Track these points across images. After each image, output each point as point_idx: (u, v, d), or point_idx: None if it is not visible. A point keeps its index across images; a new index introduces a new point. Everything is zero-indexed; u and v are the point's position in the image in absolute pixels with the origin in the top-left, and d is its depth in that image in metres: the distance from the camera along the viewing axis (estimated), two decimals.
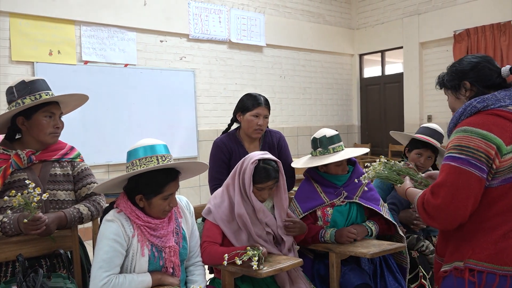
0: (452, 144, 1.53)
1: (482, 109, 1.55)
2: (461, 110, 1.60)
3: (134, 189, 1.86)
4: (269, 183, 2.17)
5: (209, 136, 6.12)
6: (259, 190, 2.18)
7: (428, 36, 7.02)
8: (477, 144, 1.47)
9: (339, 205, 2.43)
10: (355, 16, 8.21)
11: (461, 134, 1.52)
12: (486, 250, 1.50)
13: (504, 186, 1.50)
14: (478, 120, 1.52)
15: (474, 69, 1.65)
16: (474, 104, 1.56)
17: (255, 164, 2.15)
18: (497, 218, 1.51)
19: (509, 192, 1.50)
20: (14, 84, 2.01)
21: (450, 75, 1.72)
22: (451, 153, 1.51)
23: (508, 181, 1.50)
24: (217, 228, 2.17)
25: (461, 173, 1.46)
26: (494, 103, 1.54)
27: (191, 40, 6.10)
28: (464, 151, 1.48)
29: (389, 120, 7.78)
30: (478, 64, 1.65)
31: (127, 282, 1.77)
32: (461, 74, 1.67)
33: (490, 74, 1.63)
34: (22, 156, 1.99)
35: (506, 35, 6.11)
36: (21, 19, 4.78)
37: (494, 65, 1.66)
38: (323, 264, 2.44)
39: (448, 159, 1.51)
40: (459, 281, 1.54)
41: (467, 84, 1.65)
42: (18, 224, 1.87)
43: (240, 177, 2.18)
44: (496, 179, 1.50)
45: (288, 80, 7.28)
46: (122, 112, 5.47)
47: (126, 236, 1.82)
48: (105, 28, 5.34)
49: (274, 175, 2.17)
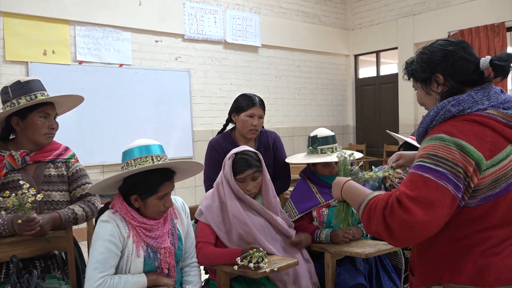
0: (426, 152, 1.28)
1: (458, 113, 1.33)
2: (432, 113, 1.37)
3: (129, 189, 1.85)
4: (249, 172, 2.19)
5: (204, 136, 6.12)
6: (242, 182, 2.20)
7: (423, 36, 7.05)
8: (455, 157, 1.24)
9: (334, 206, 2.43)
10: (350, 17, 8.23)
11: (437, 143, 1.28)
12: (465, 271, 1.30)
13: (484, 206, 1.29)
14: (454, 128, 1.29)
15: (448, 60, 1.40)
16: (448, 108, 1.33)
17: (232, 158, 2.20)
18: (477, 236, 1.31)
19: (490, 212, 1.30)
20: (9, 84, 2.00)
21: (420, 64, 1.46)
22: (426, 163, 1.26)
23: (487, 199, 1.29)
24: (210, 228, 2.18)
25: (438, 189, 1.22)
26: (470, 106, 1.32)
27: (186, 40, 6.09)
28: (441, 163, 1.24)
29: (384, 121, 7.81)
30: (453, 53, 1.39)
31: (122, 283, 1.77)
32: (433, 65, 1.42)
33: (467, 68, 1.39)
34: (16, 157, 1.98)
35: (500, 36, 6.15)
36: (15, 18, 4.75)
37: (472, 54, 1.41)
38: (318, 264, 2.44)
39: (421, 169, 1.26)
40: None
41: (440, 77, 1.41)
42: (12, 225, 1.86)
43: (224, 174, 2.22)
44: (474, 198, 1.29)
45: (283, 80, 7.29)
46: (117, 112, 5.45)
47: (121, 236, 1.81)
48: (99, 28, 5.32)
49: (253, 164, 2.20)
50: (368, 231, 1.33)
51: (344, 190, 1.50)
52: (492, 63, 1.38)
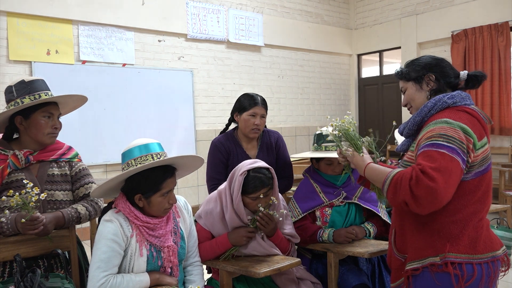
0: (436, 133, 1.53)
1: (452, 104, 1.62)
2: (430, 104, 1.65)
3: (133, 189, 1.86)
4: (263, 191, 2.12)
5: (207, 136, 6.12)
6: (254, 200, 2.13)
7: (426, 36, 7.04)
8: (460, 136, 1.51)
9: (338, 206, 2.43)
10: (353, 16, 8.21)
11: (444, 125, 1.54)
12: (461, 241, 1.57)
13: (475, 180, 1.57)
14: (454, 115, 1.57)
15: (439, 65, 1.72)
16: (445, 100, 1.62)
17: (244, 175, 2.11)
18: (467, 209, 1.57)
19: (479, 185, 1.58)
20: (14, 84, 2.01)
21: (415, 66, 1.75)
22: (438, 141, 1.51)
23: (478, 174, 1.58)
24: (207, 233, 2.19)
25: (452, 161, 1.47)
26: (460, 100, 1.62)
27: (189, 40, 6.10)
28: (451, 141, 1.50)
29: (387, 120, 7.79)
30: (442, 61, 1.74)
31: (125, 282, 1.77)
32: (428, 66, 1.73)
33: (452, 74, 1.72)
34: (20, 156, 1.98)
35: (504, 36, 6.13)
36: (19, 18, 4.77)
37: (453, 68, 1.76)
38: (321, 264, 2.44)
39: (435, 146, 1.51)
40: (440, 276, 1.56)
41: (432, 77, 1.71)
42: (15, 224, 1.87)
43: (231, 188, 2.15)
44: (469, 173, 1.56)
45: (286, 80, 7.28)
46: (120, 112, 5.46)
47: (125, 236, 1.82)
48: (103, 28, 5.33)
49: (267, 182, 2.12)
50: (394, 203, 1.56)
51: (366, 173, 1.74)
52: (469, 76, 1.73)
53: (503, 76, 6.18)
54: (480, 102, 6.39)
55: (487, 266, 1.57)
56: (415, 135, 1.74)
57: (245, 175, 2.10)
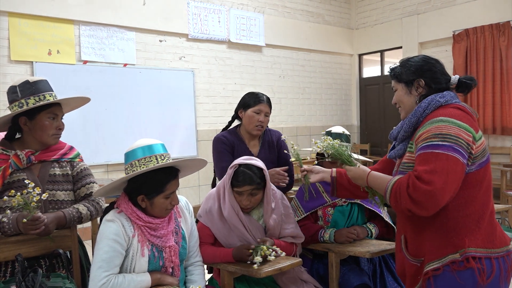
0: (431, 133, 1.55)
1: (444, 103, 1.65)
2: (424, 105, 1.66)
3: (136, 190, 1.86)
4: (246, 188, 2.10)
5: (208, 136, 6.12)
6: (239, 195, 2.13)
7: (427, 36, 7.03)
8: (456, 132, 1.53)
9: (340, 205, 2.43)
10: (355, 16, 8.21)
11: (439, 124, 1.56)
12: (478, 235, 1.57)
13: (480, 171, 1.59)
14: (448, 112, 1.59)
15: (430, 70, 1.72)
16: (437, 99, 1.65)
17: (235, 168, 2.13)
18: (477, 201, 1.58)
19: (484, 175, 1.61)
20: (18, 84, 2.00)
21: (407, 69, 1.76)
22: (433, 142, 1.53)
23: (482, 165, 1.60)
24: (209, 230, 2.19)
25: (448, 159, 1.49)
26: (451, 99, 1.66)
27: (190, 40, 6.10)
28: (446, 139, 1.51)
29: (388, 120, 7.79)
30: (434, 65, 1.74)
31: (126, 282, 1.77)
32: (420, 71, 1.73)
33: (442, 80, 1.73)
34: (22, 156, 1.99)
35: (505, 35, 6.12)
36: (20, 18, 4.77)
37: (446, 72, 1.76)
38: (322, 264, 2.44)
39: (431, 148, 1.52)
40: (462, 274, 1.54)
41: (422, 82, 1.72)
42: (17, 224, 1.87)
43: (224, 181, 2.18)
44: (473, 165, 1.58)
45: (287, 80, 7.28)
46: (121, 112, 5.46)
47: (126, 236, 1.82)
48: (104, 28, 5.34)
49: (254, 180, 2.10)
50: (398, 211, 1.61)
51: (369, 181, 1.75)
52: (460, 81, 1.74)
53: (505, 76, 6.17)
54: (482, 102, 6.38)
55: (503, 260, 1.57)
56: (410, 137, 1.73)
57: (235, 168, 2.13)
